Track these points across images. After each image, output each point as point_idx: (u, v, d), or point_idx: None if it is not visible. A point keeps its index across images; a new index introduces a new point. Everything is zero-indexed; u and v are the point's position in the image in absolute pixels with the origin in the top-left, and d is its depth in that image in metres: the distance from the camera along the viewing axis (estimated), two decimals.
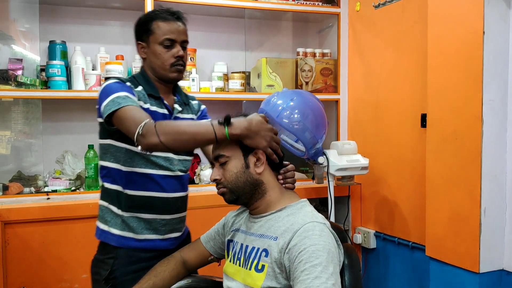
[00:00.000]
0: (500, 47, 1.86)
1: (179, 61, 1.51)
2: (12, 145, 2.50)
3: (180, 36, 1.52)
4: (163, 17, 1.51)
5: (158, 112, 1.51)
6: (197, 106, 1.70)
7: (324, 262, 1.09)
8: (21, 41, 2.48)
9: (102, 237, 1.51)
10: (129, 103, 1.36)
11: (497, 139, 1.88)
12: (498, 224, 1.89)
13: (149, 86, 1.52)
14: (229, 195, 1.28)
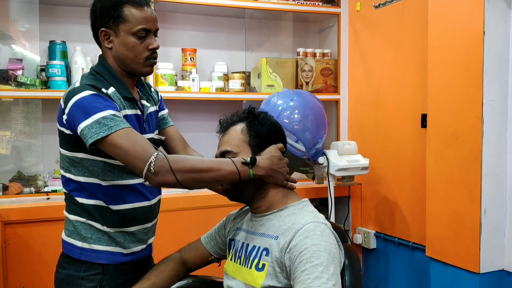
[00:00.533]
0: (500, 48, 1.86)
1: (153, 53, 1.34)
2: (12, 145, 2.49)
3: (154, 25, 1.33)
4: (134, 1, 1.29)
5: (131, 114, 1.35)
6: (156, 95, 1.52)
7: (325, 262, 1.09)
8: (21, 41, 2.48)
9: (83, 256, 1.35)
10: (120, 126, 1.20)
11: (498, 140, 1.87)
12: (498, 224, 1.89)
13: (119, 85, 1.33)
14: (233, 192, 1.28)
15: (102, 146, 1.21)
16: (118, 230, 1.36)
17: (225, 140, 1.28)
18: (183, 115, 2.89)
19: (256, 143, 1.26)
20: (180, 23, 2.87)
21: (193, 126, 2.91)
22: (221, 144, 1.29)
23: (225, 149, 1.26)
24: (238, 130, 1.27)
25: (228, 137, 1.28)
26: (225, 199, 2.61)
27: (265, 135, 1.27)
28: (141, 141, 1.20)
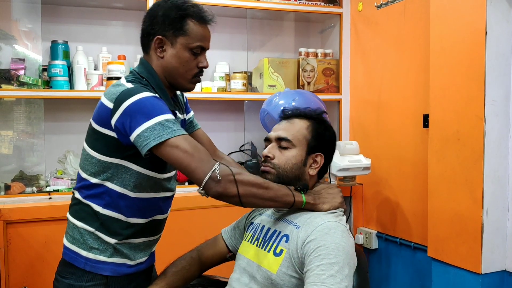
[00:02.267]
0: (502, 47, 1.86)
1: (201, 72, 1.33)
2: (14, 145, 2.50)
3: (208, 44, 1.32)
4: (199, 17, 1.26)
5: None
6: (182, 98, 1.50)
7: (341, 262, 1.09)
8: (23, 41, 2.49)
9: (88, 266, 1.29)
10: (182, 131, 1.16)
11: (500, 140, 1.87)
12: (500, 225, 1.88)
13: (163, 95, 1.28)
14: (274, 178, 1.26)
15: (162, 149, 1.14)
16: (125, 242, 1.32)
17: (286, 127, 1.29)
18: None
19: (314, 145, 1.28)
20: None
21: None
22: (280, 129, 1.29)
23: (284, 136, 1.27)
24: (304, 125, 1.29)
25: (290, 126, 1.30)
26: None
27: (325, 142, 1.30)
28: (203, 149, 1.17)
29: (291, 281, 1.16)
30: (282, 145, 1.27)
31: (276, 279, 1.16)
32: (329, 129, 1.34)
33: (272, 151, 1.28)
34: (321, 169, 1.31)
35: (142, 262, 1.38)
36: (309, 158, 1.28)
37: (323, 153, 1.30)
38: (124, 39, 2.75)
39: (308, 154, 1.28)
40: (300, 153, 1.27)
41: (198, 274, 1.43)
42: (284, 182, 1.25)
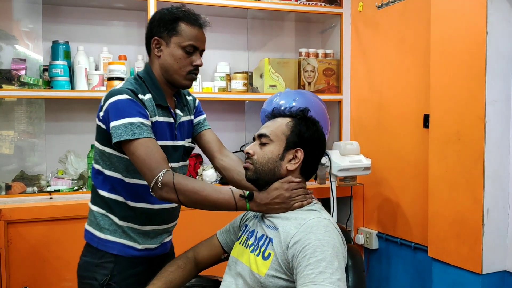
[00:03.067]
0: (503, 47, 1.86)
1: (196, 69, 1.45)
2: (15, 145, 2.50)
3: (202, 45, 1.46)
4: (190, 20, 1.41)
5: (164, 122, 1.44)
6: (192, 103, 1.63)
7: (328, 257, 1.09)
8: (24, 41, 2.49)
9: (100, 245, 1.44)
10: (143, 135, 1.30)
11: (501, 140, 1.87)
12: (501, 225, 1.88)
13: (157, 93, 1.43)
14: (252, 173, 1.30)
15: (124, 148, 1.32)
16: (132, 226, 1.44)
17: (267, 125, 1.34)
18: None
19: (293, 141, 1.29)
20: None
21: None
22: (263, 127, 1.34)
23: (263, 132, 1.31)
24: (284, 122, 1.33)
25: (272, 123, 1.34)
26: None
27: (305, 138, 1.30)
28: (156, 155, 1.29)
29: (279, 283, 1.17)
30: (262, 141, 1.31)
31: (264, 282, 1.17)
32: (311, 127, 1.33)
33: (253, 148, 1.32)
34: (305, 167, 1.31)
35: (152, 249, 1.49)
36: (288, 153, 1.29)
37: (304, 149, 1.30)
38: (125, 39, 2.76)
39: (287, 149, 1.29)
40: (277, 148, 1.29)
41: (194, 273, 1.44)
42: (261, 177, 1.29)
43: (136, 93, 1.36)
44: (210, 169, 2.66)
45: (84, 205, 2.24)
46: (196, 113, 1.62)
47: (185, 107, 1.56)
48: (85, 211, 2.24)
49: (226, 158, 1.61)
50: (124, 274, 1.44)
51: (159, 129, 1.40)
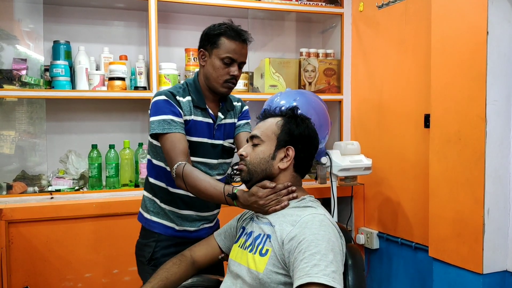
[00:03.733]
0: (504, 47, 1.86)
1: (232, 79, 1.60)
2: (16, 144, 2.51)
3: (240, 58, 1.60)
4: (231, 35, 1.58)
5: (203, 121, 1.62)
6: (239, 108, 1.77)
7: (323, 250, 1.10)
8: (25, 41, 2.50)
9: (146, 225, 1.68)
10: (172, 130, 1.52)
11: (501, 140, 1.87)
12: (501, 225, 1.88)
13: (197, 96, 1.63)
14: (245, 175, 1.34)
15: (158, 140, 1.57)
16: (172, 209, 1.65)
17: (259, 126, 1.38)
18: None
19: (284, 139, 1.32)
20: (184, 23, 2.88)
21: None
22: (254, 129, 1.38)
23: (254, 134, 1.35)
24: (274, 122, 1.36)
25: (263, 124, 1.37)
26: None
27: (295, 136, 1.33)
28: (177, 148, 1.50)
29: (278, 278, 1.18)
30: (254, 143, 1.34)
31: (263, 278, 1.18)
32: (301, 124, 1.35)
33: (246, 149, 1.36)
34: (299, 164, 1.33)
35: (189, 231, 1.67)
36: (279, 152, 1.32)
37: (295, 146, 1.32)
38: (126, 39, 2.76)
39: (278, 148, 1.32)
40: (268, 148, 1.32)
41: (191, 271, 1.45)
42: (254, 177, 1.32)
43: (175, 95, 1.59)
44: None
45: (85, 205, 2.27)
46: (241, 117, 1.77)
47: (230, 112, 1.72)
48: (86, 211, 2.26)
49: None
50: (165, 251, 1.62)
51: (196, 127, 1.60)
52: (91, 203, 2.27)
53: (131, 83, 2.63)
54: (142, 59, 2.63)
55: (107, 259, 2.29)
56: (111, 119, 2.73)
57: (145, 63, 2.62)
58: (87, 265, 2.26)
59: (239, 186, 1.40)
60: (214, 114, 1.66)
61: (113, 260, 2.30)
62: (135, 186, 2.54)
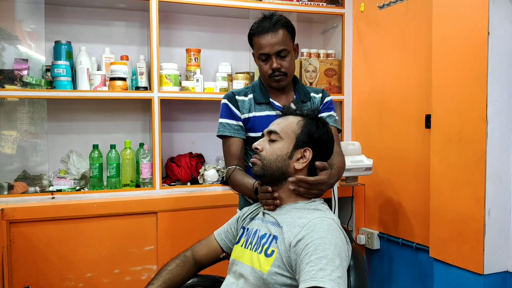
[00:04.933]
0: (505, 48, 1.86)
1: (274, 72, 1.62)
2: (17, 144, 2.51)
3: (273, 48, 1.60)
4: (258, 31, 1.62)
5: (269, 115, 1.67)
6: (319, 99, 1.76)
7: (330, 254, 1.09)
8: (27, 41, 2.50)
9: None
10: (226, 133, 1.68)
11: (502, 140, 1.87)
12: (502, 225, 1.88)
13: (260, 93, 1.70)
14: (259, 169, 1.32)
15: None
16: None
17: (278, 122, 1.36)
18: (187, 115, 2.90)
19: (303, 140, 1.31)
20: (185, 23, 2.88)
21: (197, 126, 2.92)
22: (273, 124, 1.36)
23: (273, 129, 1.33)
24: (295, 121, 1.34)
25: (282, 121, 1.36)
26: (230, 199, 2.63)
27: (315, 138, 1.32)
28: (229, 153, 1.68)
29: (282, 280, 1.18)
30: (271, 138, 1.33)
31: (267, 279, 1.18)
32: (322, 128, 1.35)
33: (262, 143, 1.34)
34: (313, 166, 1.33)
35: None
36: (296, 152, 1.31)
37: (313, 149, 1.31)
38: (127, 40, 2.76)
39: (296, 148, 1.30)
40: (286, 146, 1.31)
41: (194, 272, 1.45)
42: (267, 173, 1.30)
43: (236, 95, 1.71)
44: (211, 169, 2.66)
45: (86, 205, 2.27)
46: (324, 108, 1.75)
47: (306, 103, 1.72)
48: (87, 211, 2.26)
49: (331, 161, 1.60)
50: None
51: (260, 122, 1.66)
52: (92, 203, 2.27)
53: (132, 83, 2.64)
54: (143, 59, 2.63)
55: (108, 259, 2.30)
56: (112, 119, 2.73)
57: (146, 63, 2.62)
58: (88, 265, 2.27)
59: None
60: (282, 106, 1.66)
61: (114, 260, 2.30)
62: (136, 186, 2.54)
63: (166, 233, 2.39)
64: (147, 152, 2.54)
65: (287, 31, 1.63)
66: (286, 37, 1.62)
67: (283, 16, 1.66)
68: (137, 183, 2.56)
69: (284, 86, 1.70)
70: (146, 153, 2.53)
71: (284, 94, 1.72)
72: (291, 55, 1.65)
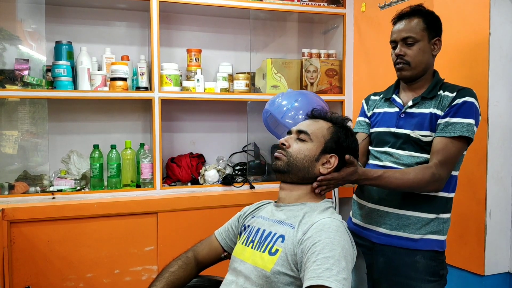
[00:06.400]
0: (506, 48, 1.85)
1: (397, 59, 1.57)
2: (18, 144, 2.51)
3: (400, 35, 1.56)
4: (395, 20, 1.60)
5: (389, 112, 1.64)
6: (448, 100, 1.51)
7: (337, 255, 1.09)
8: (28, 42, 2.50)
9: None
10: (355, 129, 1.74)
11: (503, 141, 1.87)
12: (503, 226, 1.88)
13: (388, 90, 1.70)
14: (283, 165, 1.33)
15: None
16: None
17: (309, 123, 1.38)
18: (188, 116, 2.90)
19: (330, 147, 1.34)
20: (185, 23, 2.88)
21: (198, 126, 2.92)
22: (303, 125, 1.38)
23: (305, 129, 1.35)
24: (326, 126, 1.37)
25: (313, 123, 1.38)
26: (231, 200, 2.62)
27: (343, 147, 1.35)
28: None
29: (285, 279, 1.18)
30: (301, 138, 1.34)
31: (270, 277, 1.18)
32: (350, 136, 1.39)
33: (289, 140, 1.35)
34: (336, 170, 1.35)
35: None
36: (322, 157, 1.33)
37: (339, 156, 1.34)
38: (127, 40, 2.76)
39: (323, 153, 1.33)
40: (314, 148, 1.32)
41: (195, 273, 1.45)
42: (292, 170, 1.31)
43: (372, 94, 1.78)
44: (212, 169, 2.66)
45: (87, 205, 2.27)
46: (445, 112, 1.50)
47: (430, 101, 1.54)
48: (87, 211, 2.26)
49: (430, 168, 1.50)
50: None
51: (381, 118, 1.64)
52: (93, 203, 2.27)
53: (132, 84, 2.64)
54: (144, 59, 2.63)
55: (108, 259, 2.30)
56: (112, 120, 2.73)
57: (147, 63, 2.62)
58: (89, 265, 2.27)
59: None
60: (403, 102, 1.61)
61: (115, 260, 2.30)
62: (136, 187, 2.54)
63: (166, 234, 2.39)
64: (147, 152, 2.54)
65: (423, 20, 1.53)
66: (418, 25, 1.53)
67: (423, 6, 1.57)
68: (137, 183, 2.56)
69: (410, 79, 1.58)
70: (146, 153, 2.53)
71: (414, 90, 1.60)
72: (422, 46, 1.53)
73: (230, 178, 2.62)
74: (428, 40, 1.55)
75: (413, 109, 1.57)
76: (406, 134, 1.55)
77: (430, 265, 1.52)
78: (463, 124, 1.47)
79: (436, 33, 1.57)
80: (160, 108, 2.49)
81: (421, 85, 1.59)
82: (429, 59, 1.57)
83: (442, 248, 1.57)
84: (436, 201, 1.55)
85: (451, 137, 1.47)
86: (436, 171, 1.44)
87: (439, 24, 1.58)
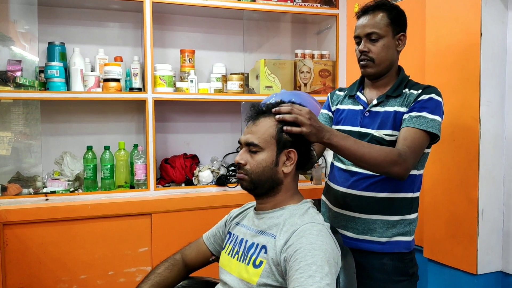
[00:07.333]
0: (497, 48, 1.87)
1: (361, 56, 1.52)
2: (11, 146, 2.50)
3: (363, 30, 1.50)
4: (359, 14, 1.55)
5: (353, 109, 1.60)
6: (413, 97, 1.50)
7: (319, 261, 1.08)
8: (21, 42, 2.49)
9: None
10: None
11: (495, 141, 1.88)
12: (496, 225, 1.89)
13: (352, 86, 1.66)
14: (248, 184, 1.27)
15: None
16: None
17: (253, 130, 1.27)
18: (182, 116, 2.90)
19: (284, 142, 1.25)
20: (179, 24, 2.88)
21: (191, 127, 2.92)
22: (248, 133, 1.27)
23: (251, 141, 1.25)
24: (270, 124, 1.26)
25: (257, 128, 1.27)
26: (225, 200, 2.62)
27: (294, 135, 1.25)
28: None
29: None
30: (252, 150, 1.25)
31: None
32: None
33: (244, 157, 1.27)
34: (300, 162, 1.29)
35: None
36: (281, 156, 1.26)
37: (296, 147, 1.26)
38: (121, 41, 2.76)
39: (279, 153, 1.25)
40: (269, 155, 1.25)
41: (183, 274, 1.44)
42: (258, 185, 1.26)
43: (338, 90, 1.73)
44: (206, 170, 2.66)
45: (80, 206, 2.26)
46: (411, 107, 1.48)
47: (394, 99, 1.52)
48: (81, 212, 2.25)
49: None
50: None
51: (346, 116, 1.60)
52: (86, 205, 2.26)
53: (126, 85, 2.63)
54: (137, 60, 2.63)
55: (102, 260, 2.29)
56: (106, 121, 2.73)
57: (140, 64, 2.62)
58: (82, 266, 2.26)
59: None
60: (367, 100, 1.56)
61: (108, 262, 2.30)
62: (130, 188, 2.54)
63: (160, 235, 2.38)
64: (141, 153, 2.54)
65: (387, 14, 1.48)
66: (382, 21, 1.48)
67: (388, 1, 1.52)
68: (131, 184, 2.56)
69: (375, 76, 1.54)
70: (140, 154, 2.53)
71: (379, 88, 1.56)
72: (386, 42, 1.49)
73: (224, 178, 2.62)
74: (392, 36, 1.51)
75: (377, 107, 1.53)
76: (371, 133, 1.51)
77: (398, 266, 1.52)
78: (428, 119, 1.44)
79: (401, 29, 1.53)
80: (153, 109, 2.48)
81: (385, 83, 1.56)
82: (393, 55, 1.53)
83: (409, 249, 1.55)
84: (401, 202, 1.53)
85: (417, 128, 1.42)
86: (403, 153, 1.37)
87: (404, 19, 1.54)
